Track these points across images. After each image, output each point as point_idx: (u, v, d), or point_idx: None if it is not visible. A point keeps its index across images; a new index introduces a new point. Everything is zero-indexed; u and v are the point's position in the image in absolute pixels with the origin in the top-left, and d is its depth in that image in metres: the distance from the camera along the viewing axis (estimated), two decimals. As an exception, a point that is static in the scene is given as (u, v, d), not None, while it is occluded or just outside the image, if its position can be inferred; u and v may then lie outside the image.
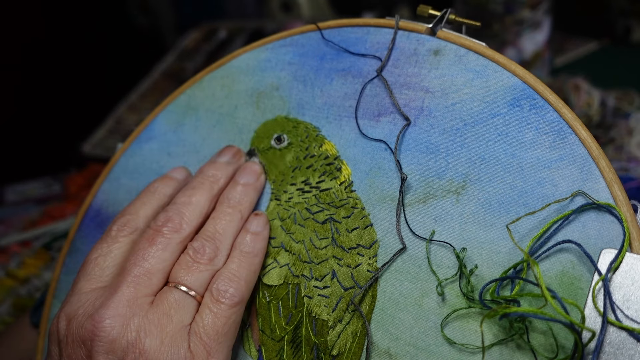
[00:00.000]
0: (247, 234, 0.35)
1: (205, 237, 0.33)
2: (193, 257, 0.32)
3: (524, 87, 0.31)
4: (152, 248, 0.32)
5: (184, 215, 0.33)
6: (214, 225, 0.34)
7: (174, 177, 0.38)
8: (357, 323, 0.32)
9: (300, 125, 0.38)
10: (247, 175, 0.37)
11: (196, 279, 0.32)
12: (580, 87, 0.71)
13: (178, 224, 0.33)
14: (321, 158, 0.36)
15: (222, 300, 0.31)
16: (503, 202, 0.30)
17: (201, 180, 0.36)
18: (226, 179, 0.37)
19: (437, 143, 0.33)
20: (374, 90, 0.36)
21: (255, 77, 0.41)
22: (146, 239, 0.32)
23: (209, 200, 0.35)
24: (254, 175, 0.37)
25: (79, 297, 0.31)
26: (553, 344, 0.26)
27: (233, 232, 0.34)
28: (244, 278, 0.33)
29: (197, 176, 0.36)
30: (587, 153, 0.29)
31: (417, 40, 0.36)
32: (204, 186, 0.35)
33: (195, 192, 0.35)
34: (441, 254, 0.31)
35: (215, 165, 0.37)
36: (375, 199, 0.34)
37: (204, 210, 0.35)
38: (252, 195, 0.36)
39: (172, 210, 0.34)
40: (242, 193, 0.36)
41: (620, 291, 0.25)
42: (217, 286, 0.32)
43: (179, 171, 0.39)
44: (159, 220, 0.33)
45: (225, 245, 0.33)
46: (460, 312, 0.29)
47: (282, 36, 0.41)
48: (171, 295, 0.31)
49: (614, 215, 0.27)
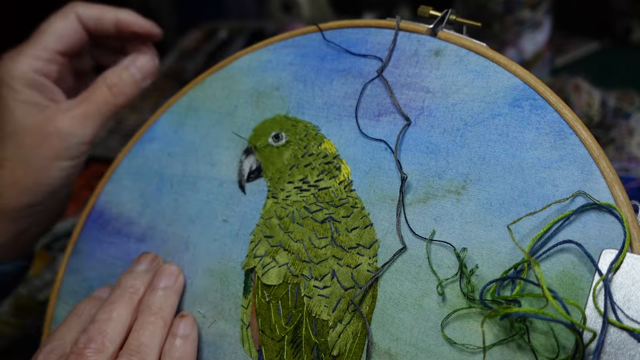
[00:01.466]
0: (175, 338, 0.34)
1: (130, 351, 0.32)
2: None
3: (525, 87, 0.32)
4: None
5: (106, 334, 0.32)
6: (138, 338, 0.33)
7: (100, 297, 0.37)
8: (358, 323, 0.32)
9: (299, 124, 0.38)
10: (165, 279, 0.36)
11: None
12: (581, 87, 0.71)
13: (101, 344, 0.31)
14: (320, 156, 0.36)
15: None
16: (504, 202, 0.30)
17: (120, 293, 0.35)
18: (145, 287, 0.36)
19: (437, 143, 0.33)
20: (375, 90, 0.36)
21: (256, 78, 0.41)
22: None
23: (131, 313, 0.34)
24: (172, 277, 0.37)
25: None
26: (554, 344, 0.26)
27: (158, 341, 0.33)
28: None
29: (116, 289, 0.35)
30: (587, 153, 0.29)
31: (417, 41, 0.36)
32: (123, 299, 0.34)
33: (114, 306, 0.34)
34: (441, 254, 0.31)
35: (132, 274, 0.36)
36: (375, 199, 0.34)
37: (126, 324, 0.33)
38: (173, 298, 0.36)
39: (93, 329, 0.32)
40: (162, 298, 0.35)
41: (620, 291, 0.25)
42: None
43: (105, 290, 0.38)
44: (80, 342, 0.31)
45: (152, 356, 0.32)
46: (460, 312, 0.29)
47: (283, 37, 0.41)
48: None
49: (615, 215, 0.27)
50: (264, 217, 0.37)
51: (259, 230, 0.37)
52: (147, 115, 1.00)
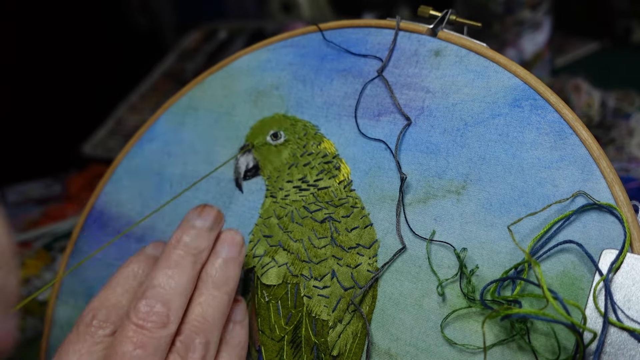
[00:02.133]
0: (231, 324, 0.31)
1: (194, 328, 0.28)
2: (184, 356, 0.27)
3: (525, 87, 0.32)
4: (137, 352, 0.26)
5: (170, 305, 0.27)
6: (202, 313, 0.29)
7: (150, 255, 0.33)
8: (358, 323, 0.32)
9: (299, 123, 0.38)
10: (231, 248, 0.32)
11: None
12: (581, 88, 0.71)
13: (165, 317, 0.27)
14: (319, 156, 0.36)
15: None
16: (504, 202, 0.30)
17: (183, 254, 0.29)
18: (208, 251, 0.31)
19: (437, 143, 0.33)
20: (375, 90, 0.36)
21: (256, 77, 0.41)
22: (129, 339, 0.26)
23: (193, 280, 0.29)
24: (237, 247, 0.32)
25: None
26: (554, 344, 0.26)
27: (221, 318, 0.29)
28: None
29: (177, 247, 0.30)
30: (587, 153, 0.29)
31: (417, 41, 0.36)
32: (186, 262, 0.29)
33: (177, 270, 0.29)
34: (442, 254, 0.31)
35: (196, 232, 0.31)
36: (375, 199, 0.33)
37: (188, 294, 0.29)
38: (237, 271, 0.31)
39: (154, 295, 0.27)
40: (227, 270, 0.30)
41: (621, 291, 0.25)
42: None
43: (157, 247, 0.33)
44: (140, 309, 0.27)
45: (215, 336, 0.29)
46: (460, 313, 0.29)
47: (283, 37, 0.41)
48: None
49: (615, 215, 0.27)
50: (263, 217, 0.37)
51: (257, 229, 0.37)
52: (147, 116, 1.00)
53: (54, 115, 1.25)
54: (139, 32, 1.54)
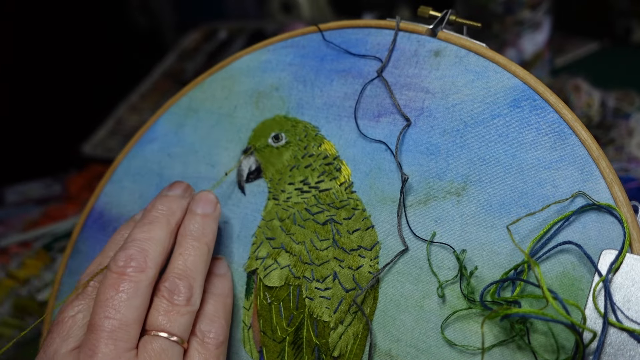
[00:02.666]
0: (213, 277, 0.33)
1: (177, 275, 0.30)
2: (169, 299, 0.30)
3: (525, 88, 0.32)
4: (120, 296, 0.28)
5: (147, 253, 0.30)
6: (184, 262, 0.31)
7: None
8: (359, 324, 0.32)
9: (299, 125, 0.38)
10: (205, 205, 0.34)
11: (179, 325, 0.29)
12: (581, 88, 0.71)
13: (143, 263, 0.29)
14: (320, 157, 0.36)
15: (208, 341, 0.30)
16: (503, 203, 0.30)
17: (156, 214, 0.32)
18: (182, 212, 0.34)
19: (437, 144, 0.33)
20: (374, 90, 0.36)
21: (256, 78, 0.41)
22: (111, 286, 0.29)
23: (169, 235, 0.32)
24: (211, 204, 0.35)
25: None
26: (554, 344, 0.26)
27: (203, 267, 0.32)
28: (223, 317, 0.32)
29: (151, 210, 0.33)
30: (587, 154, 0.29)
31: (417, 42, 0.36)
32: (160, 220, 0.32)
33: (153, 226, 0.31)
34: (442, 255, 0.31)
35: (168, 198, 0.34)
36: (376, 200, 0.34)
37: (165, 246, 0.31)
38: (214, 226, 0.34)
39: (132, 246, 0.30)
40: (203, 224, 0.33)
41: (620, 292, 0.25)
42: (201, 327, 0.31)
43: None
44: (119, 259, 0.29)
45: (198, 282, 0.31)
46: (461, 314, 0.29)
47: (283, 38, 0.41)
48: (156, 345, 0.28)
49: (615, 216, 0.27)
50: (265, 219, 0.37)
51: (260, 232, 0.37)
52: (147, 116, 1.00)
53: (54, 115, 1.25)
54: (139, 32, 1.54)
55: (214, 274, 0.34)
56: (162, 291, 0.30)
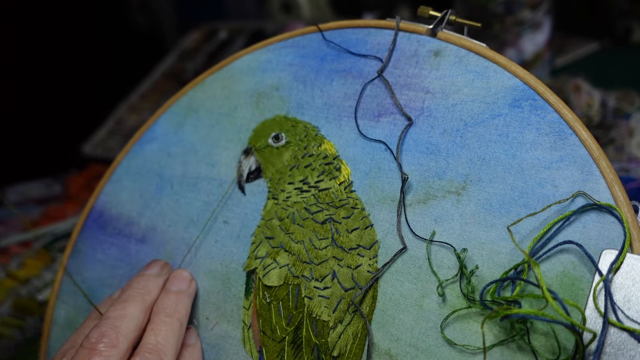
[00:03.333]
0: (184, 348, 0.34)
1: (148, 349, 0.31)
2: None
3: (525, 88, 0.32)
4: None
5: (119, 329, 0.31)
6: (155, 337, 0.32)
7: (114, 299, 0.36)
8: (358, 324, 0.32)
9: (299, 125, 0.38)
10: (179, 283, 0.36)
11: None
12: (581, 88, 0.71)
13: (115, 339, 0.30)
14: (320, 157, 0.36)
15: None
16: (504, 203, 0.30)
17: (132, 293, 0.34)
18: (157, 291, 0.35)
19: (437, 143, 0.33)
20: (374, 90, 0.36)
21: (256, 78, 0.41)
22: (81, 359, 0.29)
23: (143, 312, 0.33)
24: (185, 282, 0.36)
25: None
26: (554, 344, 0.26)
27: (174, 341, 0.33)
28: None
29: (127, 289, 0.35)
30: (587, 154, 0.29)
31: (417, 42, 0.36)
32: (135, 298, 0.34)
33: (127, 304, 0.33)
34: (442, 254, 0.31)
35: (144, 277, 0.36)
36: (375, 200, 0.34)
37: (139, 323, 0.33)
38: (187, 302, 0.35)
39: (106, 324, 0.31)
40: (176, 301, 0.35)
41: (621, 292, 0.25)
42: None
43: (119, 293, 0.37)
44: (92, 336, 0.30)
45: (169, 356, 0.32)
46: (460, 313, 0.29)
47: (283, 37, 0.41)
48: None
49: (615, 216, 0.27)
50: (265, 218, 0.37)
51: (260, 231, 0.37)
52: (146, 116, 1.00)
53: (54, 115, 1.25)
54: (139, 32, 1.54)
55: (186, 345, 0.34)
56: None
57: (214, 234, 0.38)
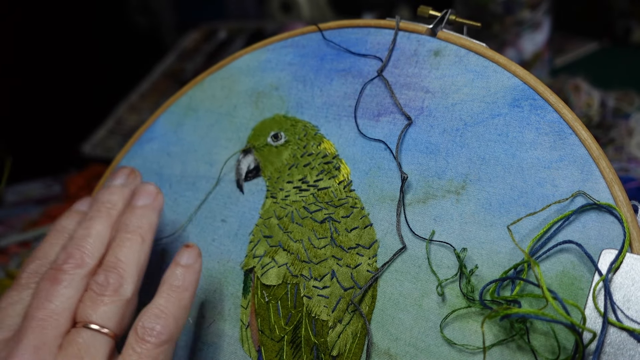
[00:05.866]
0: (177, 266, 0.32)
1: (107, 267, 0.31)
2: (97, 290, 0.30)
3: (524, 87, 0.32)
4: (54, 287, 0.29)
5: (84, 249, 0.31)
6: (115, 255, 0.32)
7: (79, 211, 0.36)
8: (357, 323, 0.32)
9: (299, 124, 0.38)
10: (144, 197, 0.35)
11: (104, 313, 0.29)
12: (580, 88, 0.71)
13: (80, 259, 0.31)
14: (319, 156, 0.36)
15: (148, 339, 0.29)
16: (503, 203, 0.30)
17: (97, 208, 0.34)
18: (124, 202, 0.35)
19: (437, 143, 0.33)
20: (374, 90, 0.36)
21: (256, 78, 0.41)
22: (47, 279, 0.30)
23: (109, 228, 0.33)
24: (150, 195, 0.35)
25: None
26: (554, 344, 0.26)
27: (136, 258, 0.32)
28: (172, 314, 0.30)
29: (93, 205, 0.34)
30: (587, 153, 0.29)
31: (417, 41, 0.36)
32: (101, 214, 0.33)
33: (92, 222, 0.33)
34: (441, 254, 0.31)
35: (109, 190, 0.35)
36: (375, 199, 0.34)
37: (105, 240, 0.33)
38: (152, 216, 0.34)
39: (71, 245, 0.31)
40: (140, 216, 0.34)
41: (620, 291, 0.25)
42: (143, 323, 0.29)
43: (84, 203, 0.37)
44: (59, 259, 0.31)
45: (129, 272, 0.31)
46: (460, 313, 0.29)
47: (283, 37, 0.41)
48: (79, 336, 0.28)
49: (615, 215, 0.27)
50: (263, 217, 0.37)
51: (258, 230, 0.37)
52: (146, 116, 1.00)
53: (54, 115, 1.25)
54: (138, 32, 1.54)
55: (178, 264, 0.33)
56: (91, 284, 0.30)
57: (212, 233, 0.38)
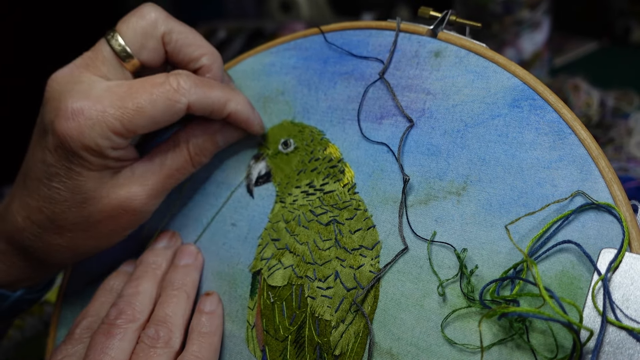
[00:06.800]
0: (202, 315, 0.35)
1: (157, 322, 0.34)
2: (149, 343, 0.32)
3: (524, 87, 0.32)
4: (109, 341, 0.32)
5: (135, 305, 0.34)
6: (163, 310, 0.34)
7: (125, 272, 0.39)
8: (360, 323, 0.32)
9: (306, 130, 0.38)
10: (186, 257, 0.38)
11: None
12: (580, 88, 0.71)
13: (131, 315, 0.33)
14: (325, 161, 0.37)
15: None
16: (503, 203, 0.30)
17: (144, 269, 0.37)
18: (167, 263, 0.38)
19: (438, 144, 0.33)
20: (376, 92, 0.36)
21: (261, 82, 0.41)
22: (102, 334, 0.32)
23: (155, 287, 0.36)
24: (192, 256, 0.38)
25: None
26: (553, 343, 0.27)
27: (182, 312, 0.35)
28: (206, 358, 0.33)
29: (139, 266, 0.37)
30: (586, 153, 0.29)
31: (418, 42, 0.36)
32: (147, 274, 0.36)
33: (140, 281, 0.36)
34: (442, 254, 0.31)
35: (154, 252, 0.38)
36: (378, 201, 0.34)
37: (152, 297, 0.36)
38: (194, 274, 0.38)
39: (122, 302, 0.34)
40: (183, 274, 0.37)
41: (619, 291, 0.26)
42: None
43: (130, 265, 0.40)
44: (111, 314, 0.33)
45: (177, 326, 0.34)
46: (461, 313, 0.29)
47: (285, 40, 0.41)
48: None
49: (614, 215, 0.27)
50: (272, 221, 0.37)
51: (266, 233, 0.37)
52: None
53: (54, 115, 1.25)
54: (138, 32, 1.54)
55: (203, 312, 0.36)
56: (143, 337, 0.33)
57: (222, 236, 0.39)
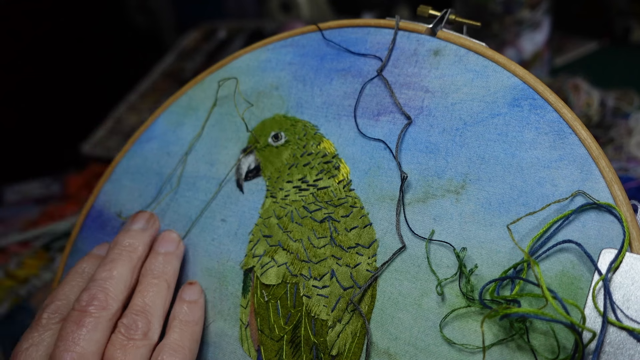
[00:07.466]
0: (184, 303, 0.34)
1: (135, 311, 0.32)
2: (126, 334, 0.31)
3: (524, 87, 0.32)
4: (81, 330, 0.30)
5: (108, 291, 0.32)
6: (142, 299, 0.33)
7: (98, 255, 0.37)
8: (357, 323, 0.32)
9: (299, 123, 0.38)
10: (167, 244, 0.37)
11: (134, 357, 0.31)
12: (580, 87, 0.71)
13: (104, 301, 0.31)
14: (319, 156, 0.36)
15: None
16: (503, 202, 0.30)
17: (118, 251, 0.34)
18: (144, 247, 0.36)
19: (436, 142, 0.33)
20: (374, 89, 0.36)
21: (256, 78, 0.41)
22: (73, 322, 0.30)
23: (131, 271, 0.34)
24: (173, 243, 0.37)
25: None
26: (554, 344, 0.26)
27: (162, 303, 0.33)
28: (187, 347, 0.32)
29: (114, 248, 0.35)
30: (587, 153, 0.29)
31: (417, 41, 0.36)
32: (122, 257, 0.34)
33: (115, 264, 0.33)
34: (441, 253, 0.31)
35: (130, 233, 0.36)
36: (374, 198, 0.34)
37: (127, 283, 0.33)
38: (175, 263, 0.36)
39: (95, 286, 0.32)
40: (164, 262, 0.35)
41: (620, 291, 0.25)
42: (163, 357, 0.31)
43: (103, 248, 0.38)
44: (83, 299, 0.31)
45: (156, 317, 0.33)
46: (459, 312, 0.29)
47: (282, 37, 0.41)
48: None
49: (614, 215, 0.27)
50: (263, 217, 0.37)
51: (257, 229, 0.37)
52: (146, 115, 1.00)
53: (54, 114, 1.25)
54: (138, 32, 1.54)
55: (185, 301, 0.35)
56: (120, 327, 0.31)
57: (211, 232, 0.38)
